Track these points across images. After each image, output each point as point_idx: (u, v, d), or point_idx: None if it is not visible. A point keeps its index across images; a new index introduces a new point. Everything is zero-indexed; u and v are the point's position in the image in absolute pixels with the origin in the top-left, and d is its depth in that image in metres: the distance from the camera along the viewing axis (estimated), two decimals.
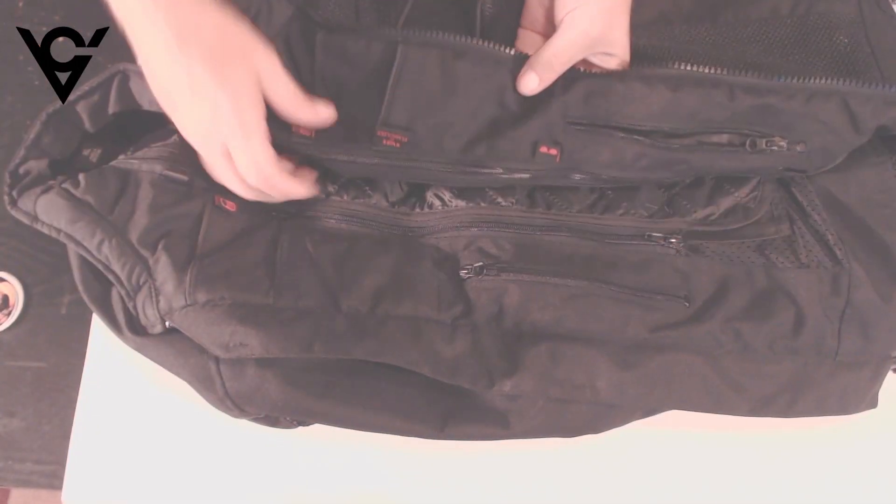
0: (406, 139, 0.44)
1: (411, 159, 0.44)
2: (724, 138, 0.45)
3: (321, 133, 0.44)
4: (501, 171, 0.45)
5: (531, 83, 0.43)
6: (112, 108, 0.47)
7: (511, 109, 0.44)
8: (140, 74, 0.44)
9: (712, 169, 0.46)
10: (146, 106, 0.47)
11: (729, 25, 0.50)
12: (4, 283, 0.55)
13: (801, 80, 0.44)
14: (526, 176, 0.45)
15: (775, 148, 0.45)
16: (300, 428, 0.50)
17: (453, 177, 0.46)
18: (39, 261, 0.56)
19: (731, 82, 0.43)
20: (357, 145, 0.44)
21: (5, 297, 0.55)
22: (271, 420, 0.48)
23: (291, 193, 0.45)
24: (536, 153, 0.44)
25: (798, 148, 0.45)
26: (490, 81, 0.44)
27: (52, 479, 0.51)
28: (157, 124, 0.50)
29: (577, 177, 0.46)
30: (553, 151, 0.44)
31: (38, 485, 0.51)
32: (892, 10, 0.51)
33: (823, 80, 0.44)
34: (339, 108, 0.43)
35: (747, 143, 0.45)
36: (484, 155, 0.44)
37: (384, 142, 0.44)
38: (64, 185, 0.46)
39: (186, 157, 0.47)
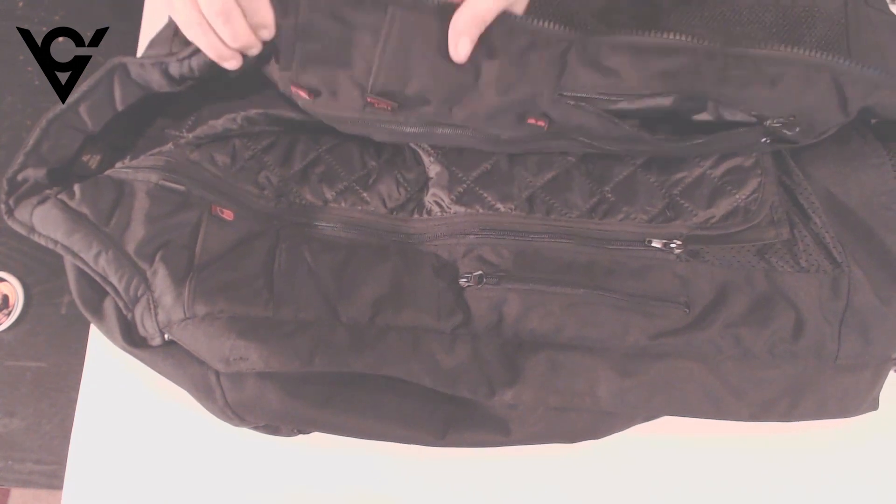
0: (396, 104, 0.43)
1: (400, 123, 0.44)
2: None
3: (318, 97, 0.44)
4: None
5: (463, 48, 0.40)
6: (120, 103, 0.46)
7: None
8: (140, 64, 0.44)
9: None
10: (156, 87, 0.45)
11: (717, 7, 0.49)
12: (4, 283, 0.55)
13: (797, 50, 0.42)
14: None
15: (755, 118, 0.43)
16: (300, 436, 0.50)
17: (436, 137, 0.46)
18: (39, 261, 0.56)
19: (726, 52, 0.42)
20: (350, 103, 0.44)
21: (5, 297, 0.55)
22: (271, 428, 0.48)
23: (241, 35, 0.41)
24: (524, 124, 0.44)
25: (778, 122, 0.43)
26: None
27: (52, 479, 0.51)
28: (154, 124, 0.50)
29: (564, 142, 0.46)
30: (541, 123, 0.43)
31: (38, 485, 0.52)
32: (885, 3, 0.50)
33: (818, 54, 0.42)
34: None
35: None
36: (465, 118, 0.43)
37: (376, 105, 0.43)
38: (60, 196, 0.45)
39: (182, 166, 0.46)
